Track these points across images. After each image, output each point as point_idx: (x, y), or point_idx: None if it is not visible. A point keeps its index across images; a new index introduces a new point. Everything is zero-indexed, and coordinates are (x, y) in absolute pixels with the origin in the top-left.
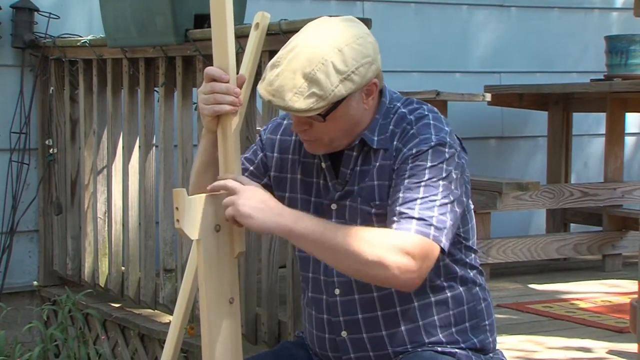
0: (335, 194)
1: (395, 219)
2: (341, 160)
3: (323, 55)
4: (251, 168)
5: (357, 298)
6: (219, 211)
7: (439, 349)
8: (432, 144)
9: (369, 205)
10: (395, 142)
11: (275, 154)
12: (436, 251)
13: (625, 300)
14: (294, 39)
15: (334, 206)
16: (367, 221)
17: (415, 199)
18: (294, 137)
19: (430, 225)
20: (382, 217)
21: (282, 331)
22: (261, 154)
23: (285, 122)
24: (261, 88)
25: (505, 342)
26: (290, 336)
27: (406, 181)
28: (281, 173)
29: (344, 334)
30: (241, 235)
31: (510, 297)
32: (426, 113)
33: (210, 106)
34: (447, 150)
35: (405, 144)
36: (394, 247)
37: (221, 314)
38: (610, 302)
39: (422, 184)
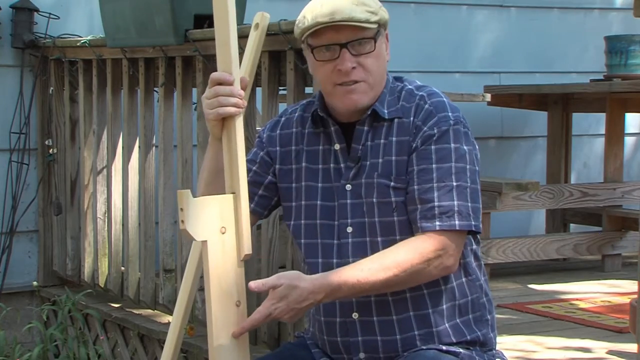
0: (350, 173)
1: (436, 212)
2: (352, 139)
3: None
4: (254, 168)
5: None
6: (225, 213)
7: (444, 347)
8: (452, 122)
9: (388, 179)
10: (412, 118)
11: (278, 148)
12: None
13: (625, 300)
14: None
15: (348, 187)
16: (385, 195)
17: (451, 190)
18: (294, 129)
19: (469, 215)
20: (400, 191)
21: (281, 332)
22: (262, 153)
23: (283, 118)
24: (313, 18)
25: (505, 342)
26: (290, 337)
27: (435, 166)
28: (285, 165)
29: (354, 315)
30: (248, 238)
31: (510, 298)
32: (435, 90)
33: (215, 110)
34: (463, 129)
35: (425, 122)
36: (430, 255)
37: (228, 318)
38: (609, 302)
39: (453, 170)
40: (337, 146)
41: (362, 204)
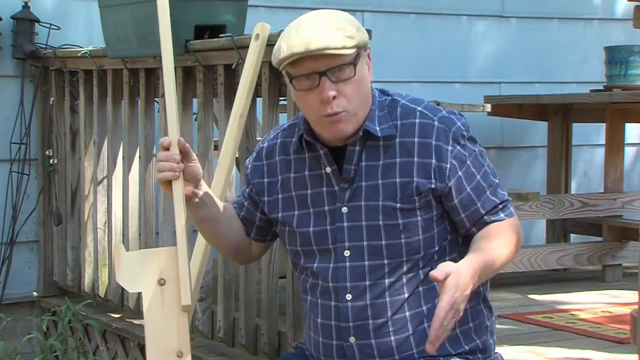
0: (345, 195)
1: (499, 207)
2: (343, 160)
3: (331, 16)
4: (246, 204)
5: (368, 304)
6: (165, 265)
7: (441, 359)
8: (464, 131)
9: (393, 201)
10: (416, 139)
11: (265, 180)
12: None
13: (626, 310)
14: (294, 25)
15: (344, 209)
16: (391, 217)
17: (497, 188)
18: (277, 158)
19: (510, 200)
20: (407, 212)
21: (282, 342)
22: (248, 190)
23: (265, 145)
24: (288, 49)
25: (505, 353)
26: (290, 347)
27: (479, 177)
28: (272, 196)
29: (352, 339)
30: (186, 289)
31: (510, 308)
32: (429, 102)
33: (157, 175)
34: (471, 132)
35: (445, 141)
36: (519, 236)
37: None
38: (610, 312)
39: (489, 171)
40: (328, 169)
41: (360, 227)
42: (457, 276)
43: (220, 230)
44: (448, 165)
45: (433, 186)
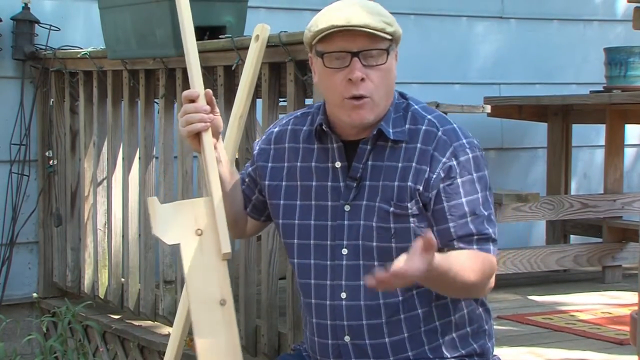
0: (350, 193)
1: (475, 238)
2: (353, 157)
3: (371, 4)
4: (247, 181)
5: (362, 305)
6: (200, 216)
7: None
8: (468, 150)
9: (388, 204)
10: (419, 145)
11: (269, 164)
12: None
13: (625, 312)
14: (330, 5)
15: (347, 207)
16: (384, 220)
17: (483, 220)
18: (286, 145)
19: (496, 240)
20: (400, 218)
21: (281, 343)
22: (250, 169)
23: (276, 129)
24: (327, 22)
25: (505, 354)
26: (290, 348)
27: (464, 200)
28: (274, 181)
29: (346, 338)
30: (225, 237)
31: (510, 309)
32: (442, 114)
33: (185, 128)
34: (479, 153)
35: (442, 152)
36: (489, 275)
37: (212, 317)
38: (610, 313)
39: (481, 200)
40: (338, 164)
41: (358, 226)
42: (429, 260)
43: (227, 194)
44: (434, 176)
45: (421, 190)
